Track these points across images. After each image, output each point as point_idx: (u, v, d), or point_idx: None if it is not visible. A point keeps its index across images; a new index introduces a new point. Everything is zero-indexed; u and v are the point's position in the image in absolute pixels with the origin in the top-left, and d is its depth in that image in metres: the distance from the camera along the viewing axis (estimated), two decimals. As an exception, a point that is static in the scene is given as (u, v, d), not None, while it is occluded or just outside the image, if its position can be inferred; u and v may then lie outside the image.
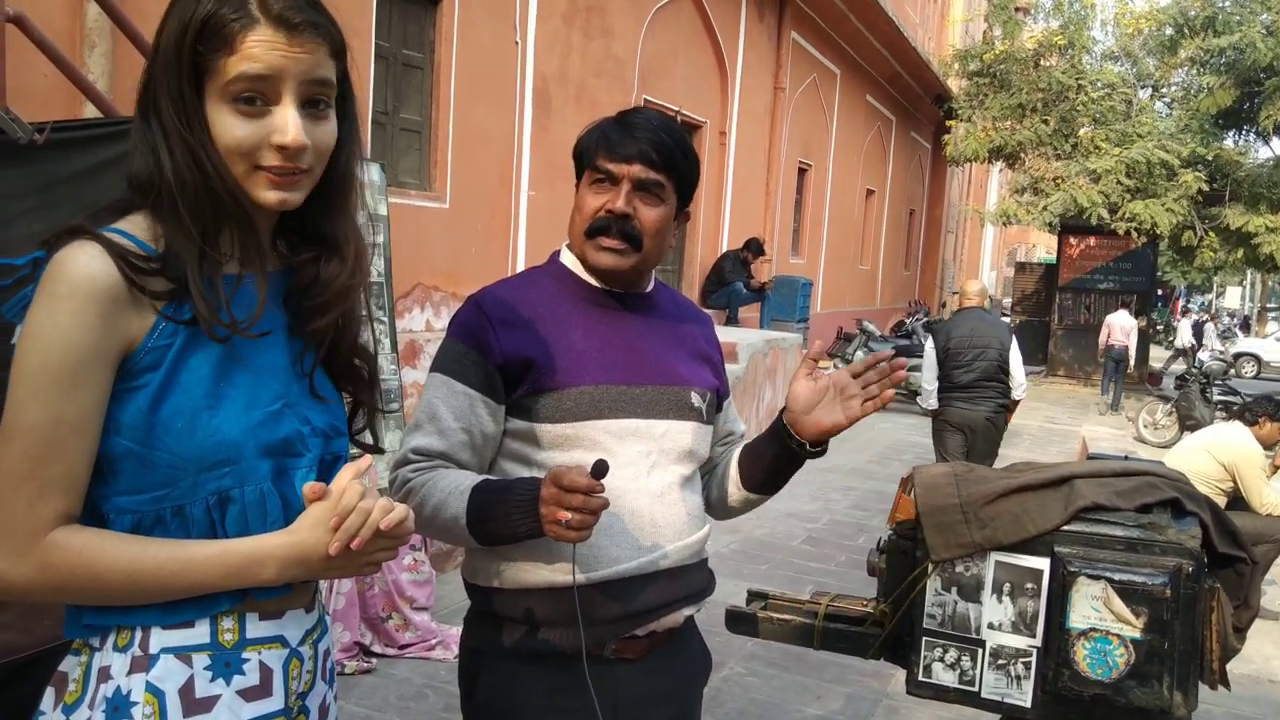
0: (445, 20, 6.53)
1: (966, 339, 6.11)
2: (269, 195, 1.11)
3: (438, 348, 1.68)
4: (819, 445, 1.67)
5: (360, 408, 1.33)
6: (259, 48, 1.06)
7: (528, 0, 7.24)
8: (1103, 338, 14.86)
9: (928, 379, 6.27)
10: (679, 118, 9.16)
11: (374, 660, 4.03)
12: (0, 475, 1.04)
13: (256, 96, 1.08)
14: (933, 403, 6.29)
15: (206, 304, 1.09)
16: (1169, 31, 15.33)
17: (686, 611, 1.70)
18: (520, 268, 7.28)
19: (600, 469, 1.40)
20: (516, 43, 7.21)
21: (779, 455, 1.71)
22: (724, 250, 11.16)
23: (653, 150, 1.61)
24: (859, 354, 12.88)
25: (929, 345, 6.37)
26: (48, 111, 3.28)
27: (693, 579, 1.70)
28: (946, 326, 6.40)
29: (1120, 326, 14.58)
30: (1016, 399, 6.26)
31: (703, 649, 1.83)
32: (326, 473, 1.22)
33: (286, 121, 1.09)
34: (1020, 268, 21.50)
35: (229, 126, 1.08)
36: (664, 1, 9.32)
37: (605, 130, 1.65)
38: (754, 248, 11.06)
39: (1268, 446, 5.63)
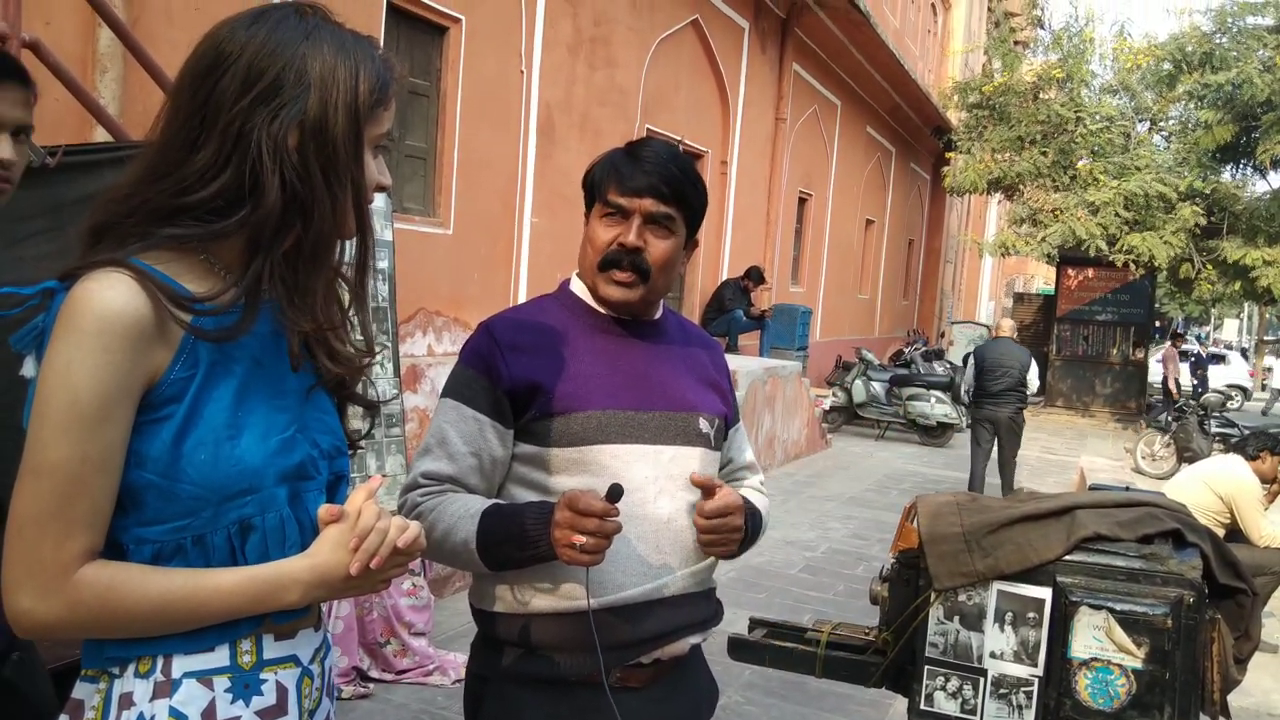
0: (452, 49, 6.60)
1: (998, 360, 8.59)
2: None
3: (449, 373, 1.70)
4: None
5: (348, 403, 1.34)
6: (393, 104, 1.21)
7: (533, 30, 7.32)
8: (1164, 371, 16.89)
9: (968, 382, 8.87)
10: (681, 148, 9.23)
11: (371, 685, 4.01)
12: (27, 514, 1.03)
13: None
14: (967, 397, 9.07)
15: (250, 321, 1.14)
16: (1167, 67, 15.46)
17: (692, 640, 1.69)
18: (522, 294, 7.31)
19: (615, 493, 1.42)
20: (522, 71, 7.28)
21: None
22: (724, 278, 11.21)
23: (663, 184, 1.63)
24: (858, 382, 12.91)
25: (971, 361, 8.91)
26: (59, 135, 3.31)
27: (698, 607, 1.70)
28: (983, 350, 8.89)
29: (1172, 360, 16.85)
30: (1030, 394, 8.84)
31: (709, 679, 1.81)
32: (331, 493, 1.24)
33: (384, 166, 1.23)
34: (1019, 298, 21.57)
35: (371, 167, 1.19)
36: (667, 33, 9.42)
37: (615, 163, 1.66)
38: (755, 276, 11.11)
39: (1267, 481, 5.63)
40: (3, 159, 1.72)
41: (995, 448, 8.80)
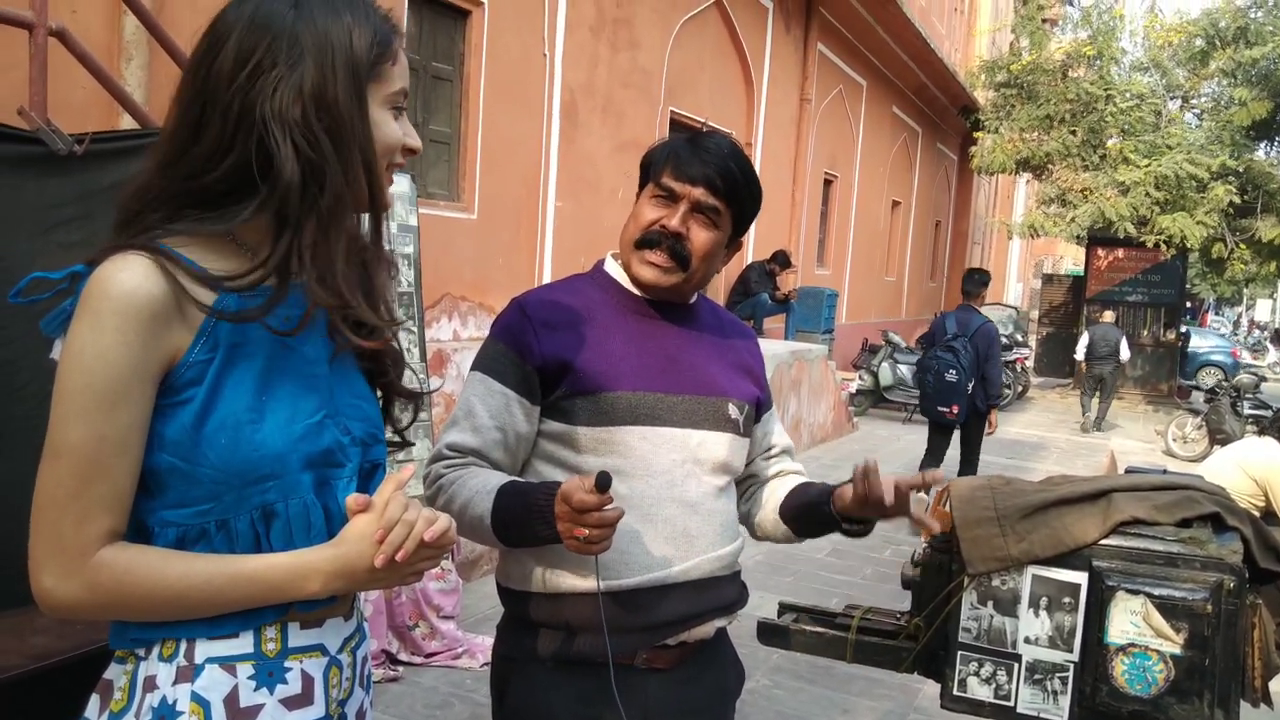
0: (474, 33, 6.58)
1: (1103, 336, 13.86)
2: (387, 192, 1.21)
3: (480, 347, 1.70)
4: (855, 522, 1.70)
5: (394, 397, 1.34)
6: (403, 60, 1.19)
7: (556, 12, 7.28)
8: None
9: (1082, 350, 14.22)
10: (704, 129, 9.17)
11: (400, 668, 4.03)
12: (47, 495, 1.04)
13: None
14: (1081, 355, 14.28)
15: (275, 304, 1.12)
16: (1199, 43, 15.17)
17: (718, 623, 1.70)
18: (547, 278, 7.30)
19: (604, 482, 1.38)
20: (545, 55, 7.24)
21: (815, 508, 1.73)
22: (750, 261, 11.15)
23: (718, 177, 1.63)
24: (884, 365, 12.82)
25: (1085, 336, 14.34)
26: (86, 123, 3.33)
27: (724, 590, 1.70)
28: (1093, 330, 14.22)
29: None
30: (1122, 360, 13.98)
31: (735, 661, 1.82)
32: (366, 481, 1.23)
33: (411, 128, 1.21)
34: (1047, 280, 21.30)
35: (392, 129, 1.18)
36: (691, 14, 9.34)
37: (676, 148, 1.66)
38: (780, 260, 11.04)
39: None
40: None
41: (1098, 391, 13.82)
